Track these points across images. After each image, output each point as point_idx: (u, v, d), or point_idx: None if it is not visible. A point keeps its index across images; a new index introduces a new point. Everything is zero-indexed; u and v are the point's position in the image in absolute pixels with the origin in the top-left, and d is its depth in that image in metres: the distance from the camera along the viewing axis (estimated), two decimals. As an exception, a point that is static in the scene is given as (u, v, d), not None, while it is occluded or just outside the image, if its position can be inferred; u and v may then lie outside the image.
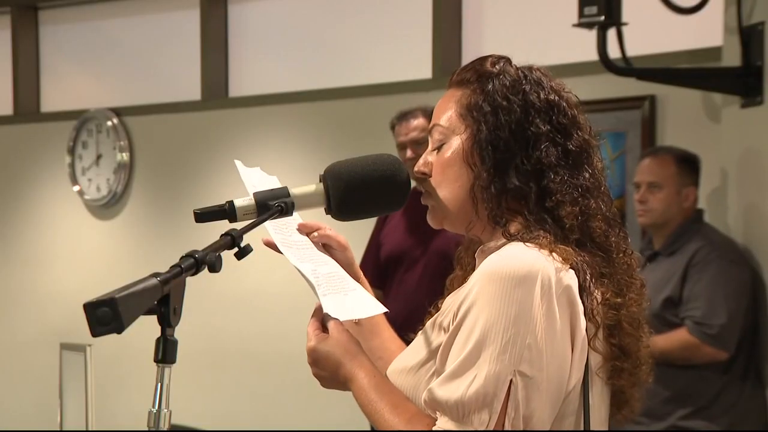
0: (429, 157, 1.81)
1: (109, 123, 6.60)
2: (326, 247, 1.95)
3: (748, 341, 3.89)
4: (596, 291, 1.67)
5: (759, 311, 3.92)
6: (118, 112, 6.62)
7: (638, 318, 1.73)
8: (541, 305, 1.60)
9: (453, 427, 1.59)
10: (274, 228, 1.88)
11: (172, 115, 6.43)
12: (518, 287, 1.60)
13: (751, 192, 4.07)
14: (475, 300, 1.62)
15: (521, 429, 1.59)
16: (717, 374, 3.86)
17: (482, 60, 1.80)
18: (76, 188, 6.76)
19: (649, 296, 1.82)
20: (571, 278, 1.64)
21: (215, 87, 6.34)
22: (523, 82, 1.76)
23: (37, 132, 7.02)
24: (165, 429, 1.52)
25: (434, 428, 1.62)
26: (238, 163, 1.95)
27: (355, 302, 1.83)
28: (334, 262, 1.93)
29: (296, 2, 6.22)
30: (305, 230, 1.94)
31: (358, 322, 1.97)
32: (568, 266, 1.65)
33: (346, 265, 1.94)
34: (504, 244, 1.70)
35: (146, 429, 1.53)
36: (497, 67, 1.78)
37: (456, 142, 1.77)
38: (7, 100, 7.24)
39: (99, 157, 6.68)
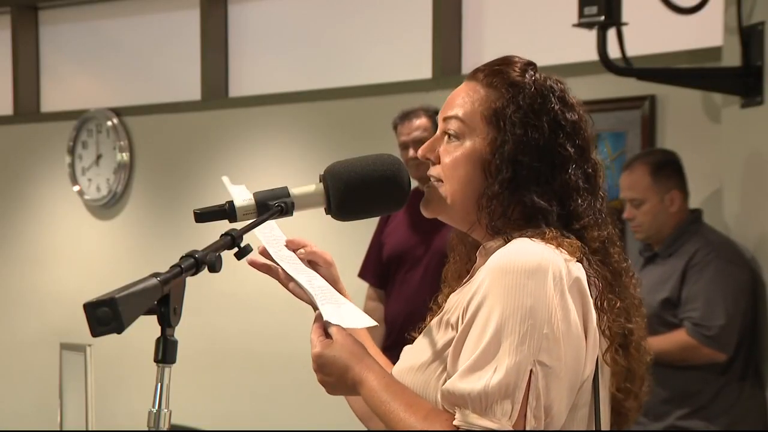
0: (437, 144, 1.81)
1: (109, 123, 6.60)
2: (312, 263, 1.96)
3: (747, 341, 3.89)
4: (608, 310, 1.70)
5: (758, 311, 3.92)
6: (118, 112, 6.62)
7: (642, 340, 1.78)
8: (555, 296, 1.61)
9: (474, 419, 1.60)
10: (266, 242, 1.89)
11: (172, 115, 6.43)
12: (531, 279, 1.61)
13: (751, 192, 4.07)
14: (487, 294, 1.63)
15: (542, 418, 1.61)
16: (716, 374, 3.86)
17: (510, 64, 1.80)
18: (76, 188, 6.76)
19: (645, 299, 1.85)
20: (579, 270, 1.67)
21: (215, 87, 6.34)
22: (552, 99, 1.76)
23: (37, 132, 7.02)
24: (165, 429, 1.52)
25: (454, 422, 1.62)
26: (225, 179, 1.95)
27: (349, 313, 1.84)
28: (321, 278, 1.94)
29: (296, 2, 6.22)
30: (292, 246, 1.95)
31: None
32: (575, 259, 1.67)
33: (332, 282, 1.95)
34: (506, 243, 1.70)
35: (146, 429, 1.53)
36: (527, 76, 1.77)
37: (474, 143, 1.76)
38: (7, 100, 7.24)
39: (99, 157, 6.68)
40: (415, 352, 1.79)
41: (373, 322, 1.83)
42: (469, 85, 1.81)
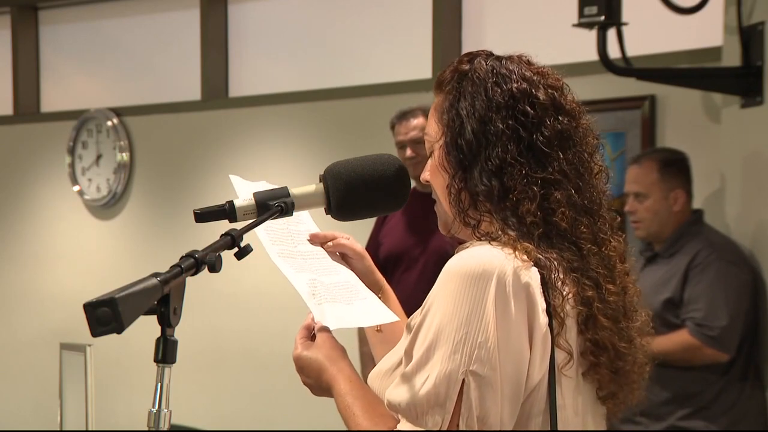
0: (427, 166, 1.81)
1: (109, 123, 6.60)
2: (343, 256, 1.96)
3: (748, 342, 3.89)
4: (564, 287, 1.63)
5: (759, 312, 3.92)
6: (118, 112, 6.62)
7: (620, 308, 1.68)
8: (496, 303, 1.57)
9: (410, 428, 1.59)
10: (273, 239, 1.88)
11: (172, 115, 6.43)
12: (472, 286, 1.58)
13: (751, 192, 4.07)
14: (434, 300, 1.61)
15: (476, 429, 1.56)
16: (717, 375, 3.86)
17: (459, 59, 1.77)
18: (76, 188, 6.76)
19: (647, 300, 1.78)
20: (531, 276, 1.60)
21: (215, 87, 6.34)
22: (489, 77, 1.71)
23: (37, 132, 7.02)
24: (165, 429, 1.52)
25: (398, 427, 1.61)
26: (233, 177, 1.94)
27: (360, 311, 1.83)
28: (348, 271, 1.93)
29: (296, 2, 6.22)
30: (317, 240, 1.95)
31: (380, 330, 1.98)
32: (531, 263, 1.61)
33: (365, 274, 1.95)
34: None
35: (146, 429, 1.52)
36: (468, 66, 1.74)
37: (436, 150, 1.75)
38: (7, 100, 7.24)
39: (99, 157, 6.68)
40: (388, 356, 1.78)
41: (393, 317, 1.82)
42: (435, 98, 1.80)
